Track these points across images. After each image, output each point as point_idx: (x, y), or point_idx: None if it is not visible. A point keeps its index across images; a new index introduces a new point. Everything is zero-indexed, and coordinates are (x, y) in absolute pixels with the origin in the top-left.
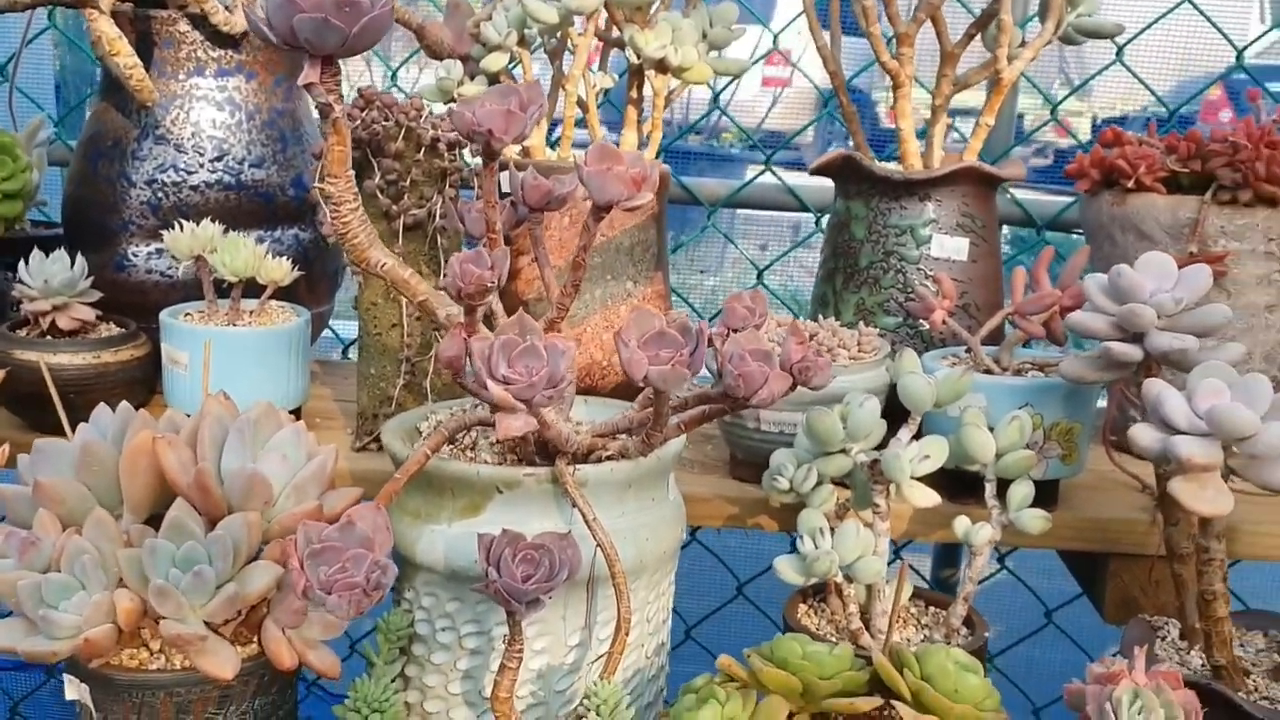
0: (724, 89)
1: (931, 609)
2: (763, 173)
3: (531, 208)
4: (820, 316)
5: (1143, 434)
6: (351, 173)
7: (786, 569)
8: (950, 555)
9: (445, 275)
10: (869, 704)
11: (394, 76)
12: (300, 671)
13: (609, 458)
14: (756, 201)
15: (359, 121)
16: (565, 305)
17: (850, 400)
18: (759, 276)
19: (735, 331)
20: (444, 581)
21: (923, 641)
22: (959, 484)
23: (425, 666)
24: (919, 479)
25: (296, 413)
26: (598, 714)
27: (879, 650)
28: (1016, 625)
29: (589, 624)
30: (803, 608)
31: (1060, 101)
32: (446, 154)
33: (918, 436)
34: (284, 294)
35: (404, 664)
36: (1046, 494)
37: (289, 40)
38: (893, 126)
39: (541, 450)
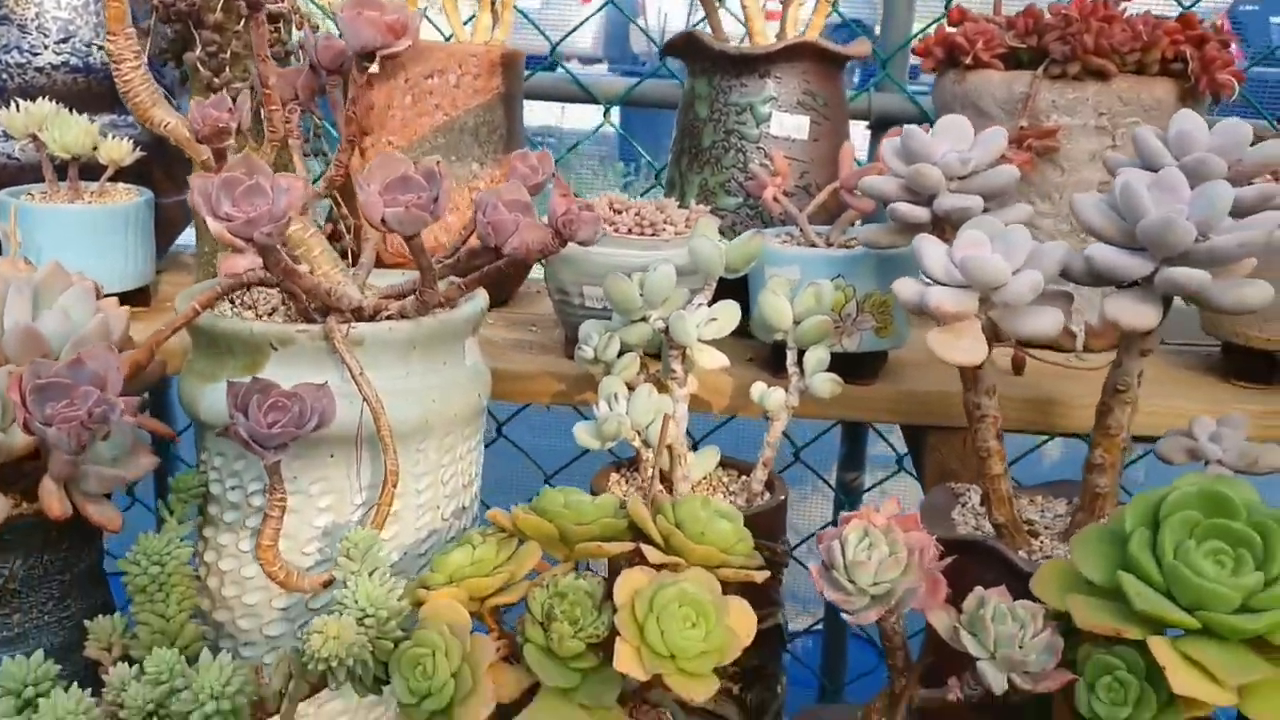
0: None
1: (741, 477)
2: (659, 69)
3: (327, 69)
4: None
5: (904, 286)
6: (131, 30)
7: (584, 434)
8: (856, 459)
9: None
10: (619, 547)
11: None
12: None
13: (389, 318)
14: (654, 100)
15: None
16: (343, 161)
17: (649, 267)
18: (656, 176)
19: None
20: (228, 441)
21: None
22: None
23: (219, 526)
24: (711, 343)
25: (142, 293)
26: (348, 557)
27: (635, 498)
28: None
29: (375, 483)
30: (614, 476)
31: None
32: (268, 26)
33: (714, 303)
34: (137, 179)
35: (202, 525)
36: (866, 367)
37: None
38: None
39: (325, 311)
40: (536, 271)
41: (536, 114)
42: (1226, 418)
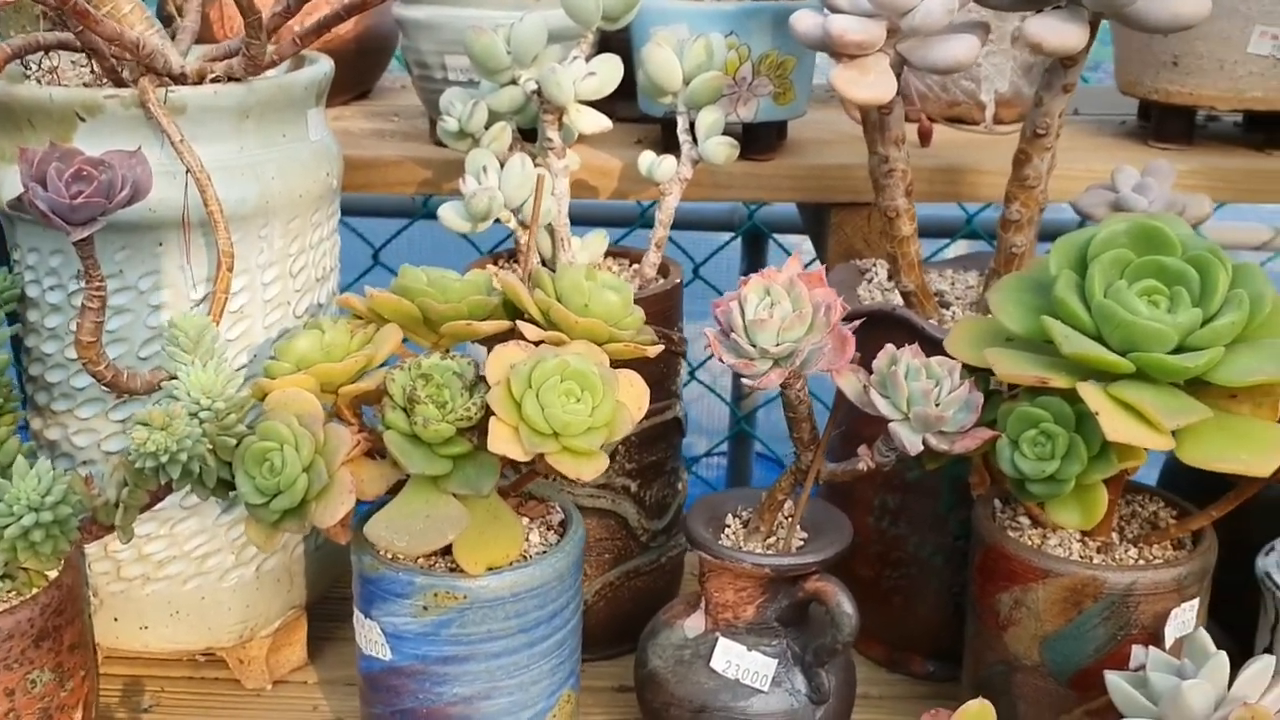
0: None
1: (633, 265)
2: None
3: None
4: None
5: (802, 18)
6: None
7: (450, 215)
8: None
9: None
10: (493, 326)
11: None
12: None
13: (216, 81)
14: None
15: None
16: None
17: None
18: None
19: None
20: (41, 233)
21: None
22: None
23: (40, 333)
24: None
25: None
26: (177, 345)
27: (507, 273)
28: None
29: (214, 275)
30: (491, 268)
31: None
32: None
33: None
34: None
35: (23, 333)
36: (764, 141)
37: None
38: None
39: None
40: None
41: None
42: (1152, 166)
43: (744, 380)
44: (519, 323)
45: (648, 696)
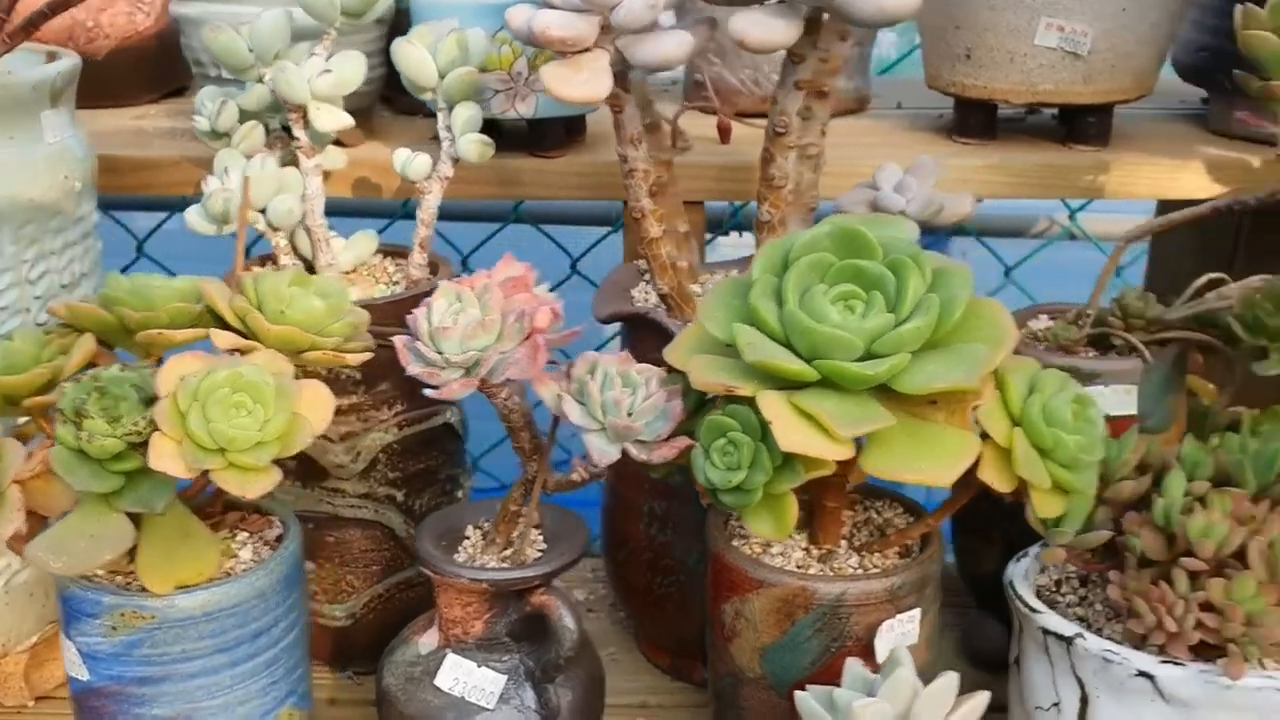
0: None
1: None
2: None
3: None
4: None
5: (515, 14)
6: None
7: (193, 218)
8: None
9: None
10: (190, 334)
11: None
12: None
13: None
14: None
15: None
16: None
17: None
18: None
19: None
20: None
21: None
22: None
23: None
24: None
25: None
26: None
27: (209, 280)
28: None
29: None
30: (256, 270)
31: None
32: None
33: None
34: None
35: None
36: (552, 137)
37: None
38: None
39: None
40: None
41: None
42: (915, 164)
43: (426, 391)
44: (212, 330)
45: (383, 715)
